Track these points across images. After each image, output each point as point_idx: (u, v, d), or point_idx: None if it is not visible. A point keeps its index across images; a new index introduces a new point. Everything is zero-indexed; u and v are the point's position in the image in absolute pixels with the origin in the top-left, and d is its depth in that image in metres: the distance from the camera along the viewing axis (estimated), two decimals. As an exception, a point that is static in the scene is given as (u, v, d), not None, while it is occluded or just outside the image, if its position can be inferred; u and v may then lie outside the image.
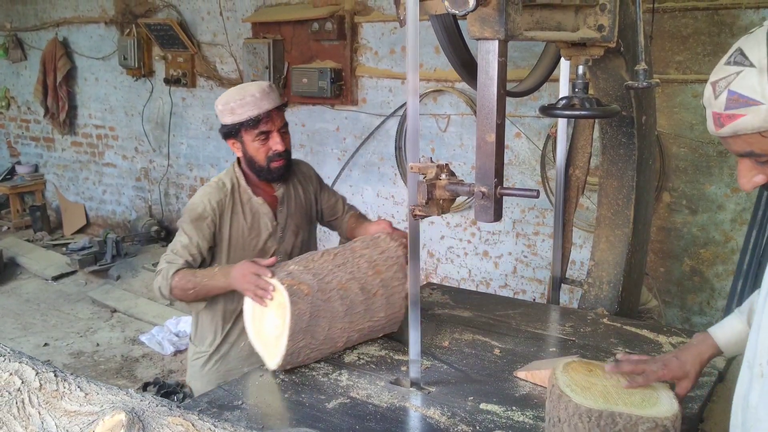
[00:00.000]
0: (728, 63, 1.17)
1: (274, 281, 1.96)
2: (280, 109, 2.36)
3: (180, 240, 2.35)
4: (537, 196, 1.65)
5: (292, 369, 2.03)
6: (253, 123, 2.29)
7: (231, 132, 2.34)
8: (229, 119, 2.31)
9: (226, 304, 2.42)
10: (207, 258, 2.39)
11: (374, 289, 2.10)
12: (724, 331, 1.62)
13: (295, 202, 2.51)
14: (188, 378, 2.58)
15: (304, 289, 1.95)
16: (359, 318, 2.07)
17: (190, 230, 2.34)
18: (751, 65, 1.12)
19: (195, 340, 2.54)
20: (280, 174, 2.40)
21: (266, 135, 2.32)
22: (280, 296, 1.95)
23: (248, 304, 2.09)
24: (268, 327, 2.01)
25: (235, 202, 2.39)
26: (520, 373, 2.00)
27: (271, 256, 2.40)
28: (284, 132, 2.38)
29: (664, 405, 1.51)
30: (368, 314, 2.09)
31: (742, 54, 1.14)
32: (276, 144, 2.33)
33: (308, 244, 2.58)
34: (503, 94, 1.62)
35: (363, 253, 2.14)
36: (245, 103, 2.28)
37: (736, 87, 1.14)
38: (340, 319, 2.02)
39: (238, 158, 2.44)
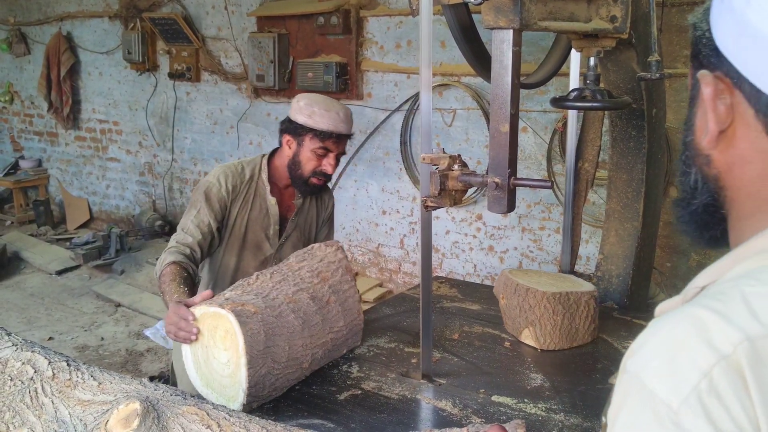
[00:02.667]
0: None
1: (214, 309, 1.72)
2: (348, 137, 2.37)
3: (190, 217, 2.28)
4: (551, 187, 1.65)
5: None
6: (323, 136, 2.28)
7: (296, 131, 2.31)
8: (303, 119, 2.29)
9: (218, 278, 2.38)
10: (217, 237, 2.34)
11: (325, 297, 1.93)
12: None
13: (306, 219, 2.51)
14: (174, 357, 2.49)
15: (250, 308, 1.73)
16: (319, 330, 1.89)
17: (203, 207, 2.28)
18: None
19: None
20: (313, 192, 2.41)
21: (325, 152, 2.31)
22: (225, 323, 1.70)
23: (186, 353, 1.82)
24: (219, 367, 1.74)
25: (250, 191, 2.36)
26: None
27: (264, 260, 2.40)
28: (339, 158, 2.38)
29: (585, 285, 2.28)
30: (327, 325, 1.92)
31: None
32: (328, 165, 2.33)
33: None
34: (517, 84, 1.61)
35: (301, 265, 1.98)
36: (329, 117, 2.27)
37: None
38: (299, 334, 1.82)
39: (272, 152, 2.43)
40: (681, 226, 0.85)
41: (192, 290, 2.08)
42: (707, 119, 0.77)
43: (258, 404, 1.73)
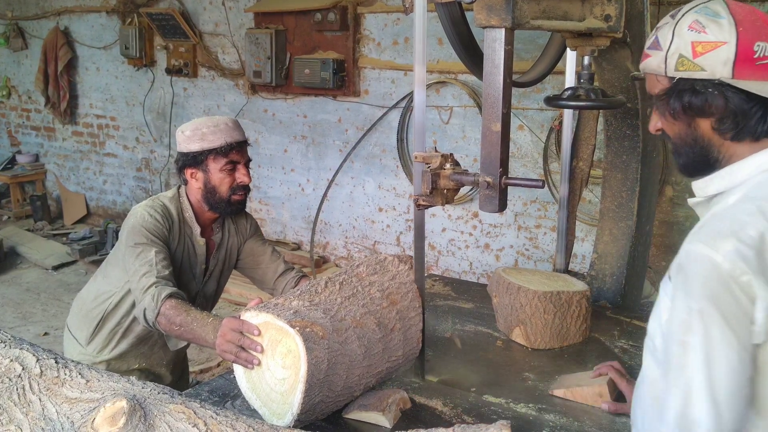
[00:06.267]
0: (671, 15, 1.34)
1: (281, 324, 1.60)
2: (247, 144, 2.30)
3: (150, 255, 2.09)
4: (542, 186, 1.64)
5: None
6: (224, 150, 2.18)
7: (195, 160, 2.21)
8: (197, 146, 2.19)
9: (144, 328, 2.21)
10: None
11: (391, 324, 1.79)
12: None
13: (227, 250, 2.42)
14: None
15: (319, 331, 1.60)
16: (378, 360, 1.76)
17: (154, 241, 2.13)
18: (673, 19, 1.31)
19: (79, 335, 2.37)
20: (239, 208, 2.30)
21: (233, 166, 2.22)
22: (291, 342, 1.59)
23: None
24: (272, 380, 1.65)
25: (182, 232, 2.26)
26: (558, 392, 1.86)
27: (190, 298, 2.30)
28: (248, 166, 2.30)
29: (578, 284, 2.27)
30: (386, 354, 1.78)
31: (679, 11, 1.32)
32: (242, 176, 2.24)
33: (222, 288, 2.50)
34: (509, 83, 1.61)
35: (372, 280, 1.84)
36: (218, 130, 2.18)
37: (659, 33, 1.34)
38: (359, 363, 1.69)
39: (184, 189, 2.32)
40: None
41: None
42: None
43: (302, 426, 1.61)
